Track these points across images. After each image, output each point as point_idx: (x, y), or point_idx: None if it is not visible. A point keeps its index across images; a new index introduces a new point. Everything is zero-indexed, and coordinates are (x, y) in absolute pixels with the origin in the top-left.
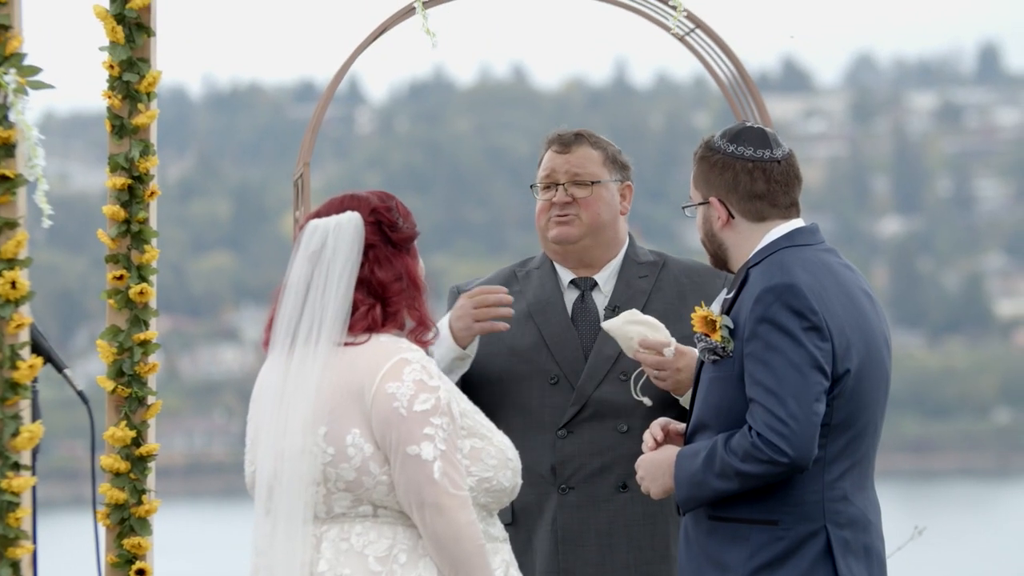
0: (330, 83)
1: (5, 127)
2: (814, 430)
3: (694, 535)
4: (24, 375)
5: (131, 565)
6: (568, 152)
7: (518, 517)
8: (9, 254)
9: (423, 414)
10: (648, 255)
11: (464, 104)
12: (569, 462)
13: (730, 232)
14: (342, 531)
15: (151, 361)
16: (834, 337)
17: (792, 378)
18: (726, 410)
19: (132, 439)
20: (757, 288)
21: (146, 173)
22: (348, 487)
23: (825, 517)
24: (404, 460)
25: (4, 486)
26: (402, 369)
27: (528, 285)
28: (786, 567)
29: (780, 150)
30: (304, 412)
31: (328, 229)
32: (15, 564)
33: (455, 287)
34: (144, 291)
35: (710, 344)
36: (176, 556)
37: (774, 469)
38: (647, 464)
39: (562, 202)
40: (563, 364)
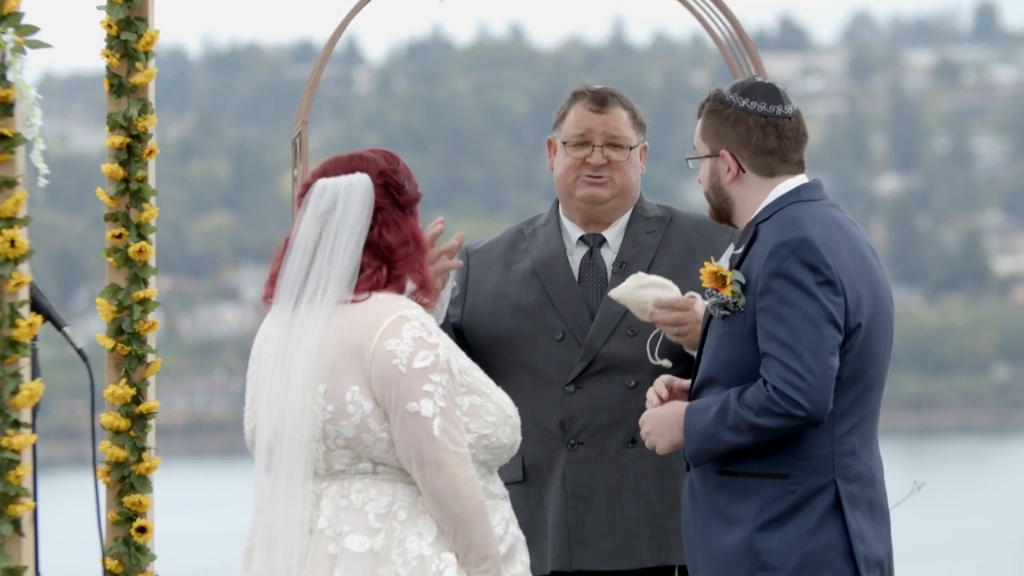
0: (328, 43)
1: (3, 86)
2: (830, 384)
3: (701, 490)
4: (23, 333)
5: (132, 522)
6: (604, 112)
7: (528, 474)
8: (8, 212)
9: (422, 371)
10: (656, 210)
11: (462, 64)
12: (578, 417)
13: (738, 186)
14: (342, 488)
15: (150, 319)
16: (846, 291)
17: (807, 332)
18: (736, 365)
19: (132, 397)
20: (770, 243)
21: (144, 132)
22: (347, 444)
23: (834, 471)
24: (404, 417)
25: (4, 444)
26: (401, 326)
27: (534, 243)
28: (795, 520)
29: (791, 107)
30: (305, 370)
31: (339, 190)
32: (16, 521)
33: (464, 248)
34: (143, 249)
35: (721, 299)
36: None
37: (790, 423)
38: (654, 419)
39: (597, 164)
40: (568, 321)
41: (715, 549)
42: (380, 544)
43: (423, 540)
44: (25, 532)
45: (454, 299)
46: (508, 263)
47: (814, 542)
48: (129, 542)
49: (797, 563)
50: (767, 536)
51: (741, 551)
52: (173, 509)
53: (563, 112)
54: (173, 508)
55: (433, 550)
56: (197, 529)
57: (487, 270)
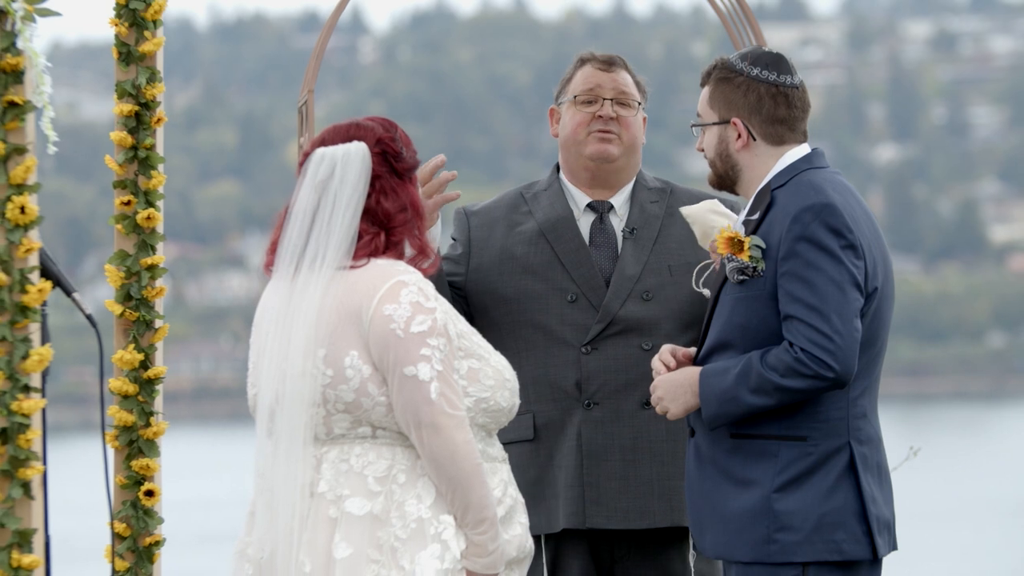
0: (333, 13)
1: (13, 54)
2: (856, 346)
3: (710, 454)
4: (33, 299)
5: (140, 486)
6: (612, 71)
7: (540, 433)
8: (18, 179)
9: (420, 335)
10: (655, 182)
11: (465, 34)
12: (594, 378)
13: (746, 153)
14: (342, 452)
15: (158, 285)
16: (866, 256)
17: (834, 295)
18: (754, 328)
19: (140, 362)
20: (792, 208)
21: (152, 100)
22: (347, 408)
23: (849, 433)
24: (401, 381)
25: (14, 408)
26: (399, 291)
27: (537, 205)
28: (812, 481)
29: (797, 76)
30: (305, 335)
31: (336, 159)
32: (26, 484)
33: (461, 209)
34: (151, 216)
35: (740, 264)
36: (184, 478)
37: (818, 383)
38: (666, 384)
39: (607, 116)
40: (580, 283)
41: (729, 511)
42: (379, 507)
43: (422, 503)
44: (35, 495)
45: (456, 257)
46: (511, 224)
47: (830, 503)
48: (137, 505)
49: (815, 524)
50: (785, 497)
51: (758, 512)
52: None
53: (569, 76)
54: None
55: (432, 512)
56: (204, 493)
57: (490, 230)
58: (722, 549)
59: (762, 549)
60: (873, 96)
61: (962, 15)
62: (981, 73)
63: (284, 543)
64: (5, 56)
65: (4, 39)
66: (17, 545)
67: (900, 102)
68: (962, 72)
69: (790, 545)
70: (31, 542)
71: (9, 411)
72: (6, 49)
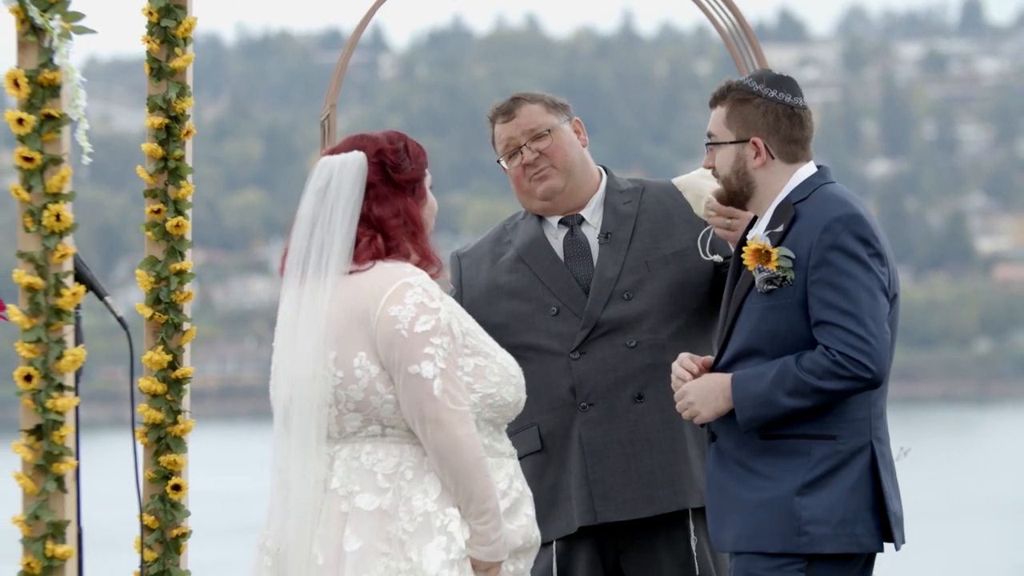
0: (355, 31)
1: (50, 69)
2: (888, 348)
3: (735, 454)
4: (68, 302)
5: (167, 480)
6: (514, 117)
7: (545, 442)
8: (54, 188)
9: (424, 335)
10: (627, 183)
11: (481, 52)
12: (586, 381)
13: (763, 172)
14: (353, 450)
15: (186, 289)
16: (889, 264)
17: (867, 300)
18: (783, 335)
19: (168, 363)
20: (821, 219)
21: (182, 113)
22: (357, 408)
23: (871, 433)
24: (406, 378)
25: (49, 406)
26: (404, 293)
27: (515, 234)
28: (838, 477)
29: (804, 99)
30: (315, 339)
31: (334, 167)
32: (60, 478)
33: (454, 253)
34: (180, 224)
35: (769, 274)
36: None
37: (856, 385)
38: (697, 389)
39: (530, 162)
40: (560, 295)
41: (753, 504)
42: (388, 502)
43: (428, 497)
44: (68, 488)
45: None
46: (495, 257)
47: (854, 499)
48: (165, 499)
49: (840, 518)
50: (813, 493)
51: (786, 506)
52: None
53: (491, 139)
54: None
55: (438, 506)
56: (229, 487)
57: (477, 268)
58: (746, 543)
59: (792, 541)
60: (867, 114)
61: (952, 38)
62: (969, 93)
63: (298, 537)
64: (43, 71)
65: (42, 55)
66: (51, 536)
67: (892, 119)
68: (951, 91)
69: (819, 537)
70: (64, 533)
71: (44, 408)
72: (44, 65)
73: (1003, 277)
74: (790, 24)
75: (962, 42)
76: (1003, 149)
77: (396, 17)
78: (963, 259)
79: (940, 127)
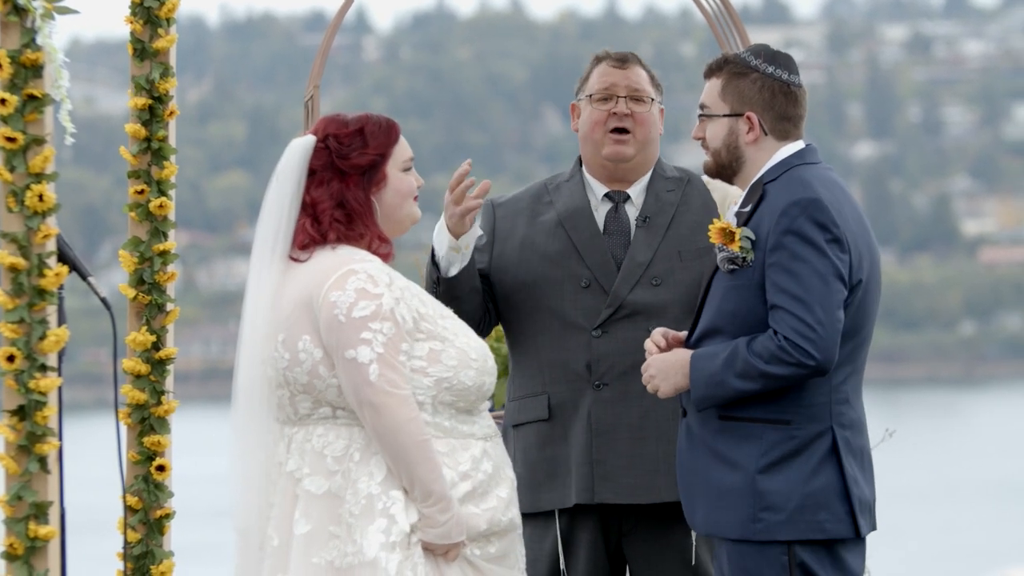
0: (338, 12)
1: (33, 50)
2: (837, 336)
3: (700, 434)
4: (51, 282)
5: (151, 461)
6: (626, 68)
7: (554, 412)
8: (37, 168)
9: (361, 320)
10: (673, 171)
11: (464, 33)
12: (604, 360)
13: (754, 147)
14: (306, 433)
15: (170, 270)
16: (851, 250)
17: (818, 287)
18: (743, 316)
19: (152, 343)
20: (781, 202)
21: (165, 94)
22: (304, 390)
23: (831, 418)
24: (344, 364)
25: (32, 386)
26: (347, 279)
27: (559, 196)
28: (795, 464)
29: (800, 77)
30: (263, 321)
31: (287, 151)
32: (42, 459)
33: (489, 201)
34: (163, 204)
35: (730, 254)
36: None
37: (800, 371)
38: (659, 364)
39: (622, 113)
40: (594, 268)
41: (717, 489)
42: (337, 485)
43: (372, 479)
44: (51, 469)
45: (481, 247)
46: (534, 215)
47: (813, 484)
48: (148, 480)
49: (798, 504)
50: (769, 478)
51: (744, 492)
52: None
53: (587, 74)
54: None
55: (381, 488)
56: (212, 469)
57: (513, 220)
58: (712, 527)
59: (748, 527)
60: (852, 96)
61: (936, 20)
62: (954, 75)
63: (257, 518)
64: (25, 52)
65: (25, 35)
66: (34, 516)
67: (877, 102)
68: (936, 74)
69: (774, 524)
70: (47, 514)
71: (27, 389)
72: (27, 45)
73: (988, 259)
74: (775, 6)
75: (947, 24)
76: (988, 131)
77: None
78: (948, 241)
79: (925, 109)
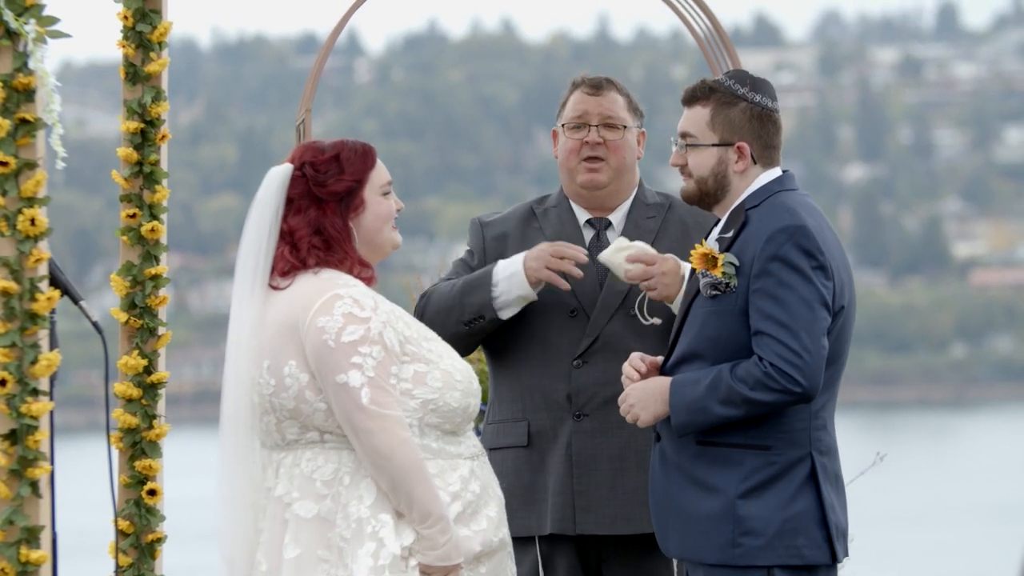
0: (330, 35)
1: (25, 74)
2: (822, 363)
3: (675, 459)
4: (42, 306)
5: (143, 485)
6: (599, 95)
7: (533, 440)
8: (29, 192)
9: (351, 344)
10: (655, 197)
11: (456, 56)
12: (584, 391)
13: (740, 177)
14: (295, 458)
15: (161, 294)
16: (834, 277)
17: (803, 313)
18: (724, 342)
19: (144, 367)
20: (766, 229)
21: (157, 118)
22: (291, 415)
23: (811, 444)
24: (334, 388)
25: (23, 410)
26: (333, 304)
27: (547, 222)
28: (775, 489)
29: (779, 102)
30: (247, 348)
31: (265, 179)
32: (34, 483)
33: (476, 219)
34: (155, 228)
35: (713, 280)
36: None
37: (785, 398)
38: (638, 392)
39: (594, 142)
40: (581, 298)
41: (693, 514)
42: (327, 509)
43: (362, 503)
44: (42, 493)
45: (472, 267)
46: (524, 238)
47: (792, 510)
48: (140, 504)
49: (777, 529)
50: (749, 503)
51: (723, 516)
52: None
53: (564, 100)
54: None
55: (370, 512)
56: (204, 492)
57: (503, 243)
58: (688, 552)
59: (727, 552)
60: (843, 118)
61: (927, 42)
62: (945, 97)
63: (242, 547)
64: (17, 76)
65: (17, 59)
66: (25, 541)
67: (868, 124)
68: (927, 96)
69: (753, 549)
70: (39, 538)
71: (18, 413)
72: (19, 69)
73: (979, 282)
74: (765, 28)
75: (938, 47)
76: (979, 154)
77: (371, 21)
78: (939, 264)
79: (916, 132)
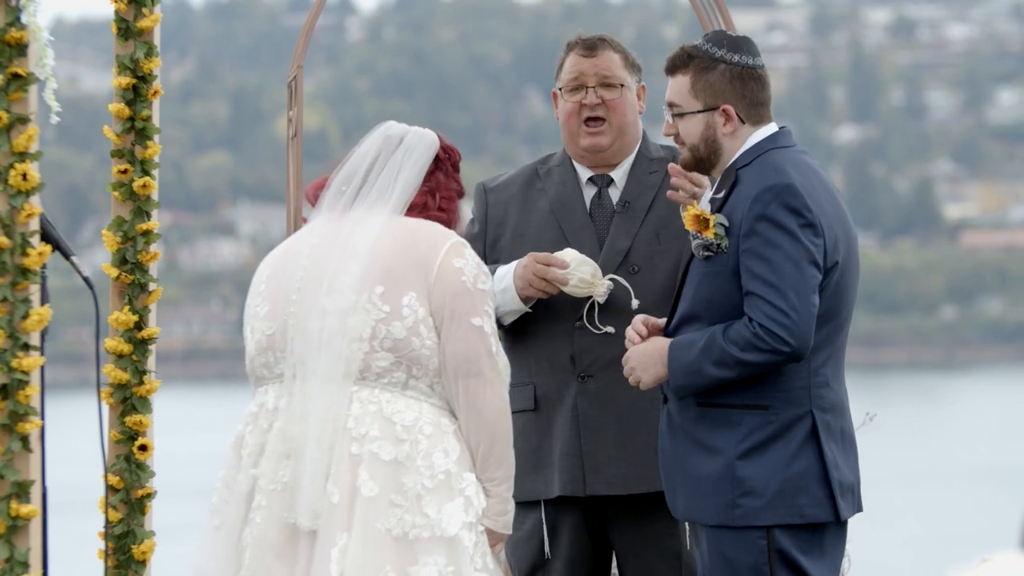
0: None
1: (18, 28)
2: (812, 321)
3: (680, 420)
4: (34, 261)
5: (133, 441)
6: (594, 55)
7: (539, 403)
8: (21, 147)
9: (484, 293)
10: (659, 151)
11: (448, 15)
12: (587, 352)
13: (731, 137)
14: (372, 395)
15: (152, 250)
16: (825, 233)
17: (791, 272)
18: (718, 303)
19: (134, 323)
20: (754, 188)
21: (149, 73)
22: (394, 346)
23: (811, 402)
24: (468, 329)
25: (14, 365)
26: (463, 249)
27: (550, 182)
28: (775, 449)
29: (761, 58)
30: (360, 270)
31: (409, 129)
32: (24, 438)
33: (480, 184)
34: (147, 184)
35: (705, 241)
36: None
37: (775, 358)
38: (638, 354)
39: (592, 104)
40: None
41: (696, 476)
42: (404, 454)
43: (448, 457)
44: (33, 448)
45: (475, 234)
46: (526, 201)
47: (792, 469)
48: (130, 459)
49: (777, 489)
50: (748, 464)
51: (723, 478)
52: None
53: (560, 63)
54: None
55: (457, 468)
56: (193, 448)
57: (505, 207)
58: (691, 513)
59: (727, 513)
60: (835, 79)
61: (920, 3)
62: (937, 59)
63: (312, 473)
64: (10, 30)
65: (9, 14)
66: (16, 496)
67: (860, 85)
68: (919, 57)
69: (753, 510)
70: (29, 493)
71: (9, 368)
72: (11, 23)
73: (970, 244)
74: None
75: (930, 7)
76: (971, 115)
77: None
78: (930, 225)
79: (908, 93)
